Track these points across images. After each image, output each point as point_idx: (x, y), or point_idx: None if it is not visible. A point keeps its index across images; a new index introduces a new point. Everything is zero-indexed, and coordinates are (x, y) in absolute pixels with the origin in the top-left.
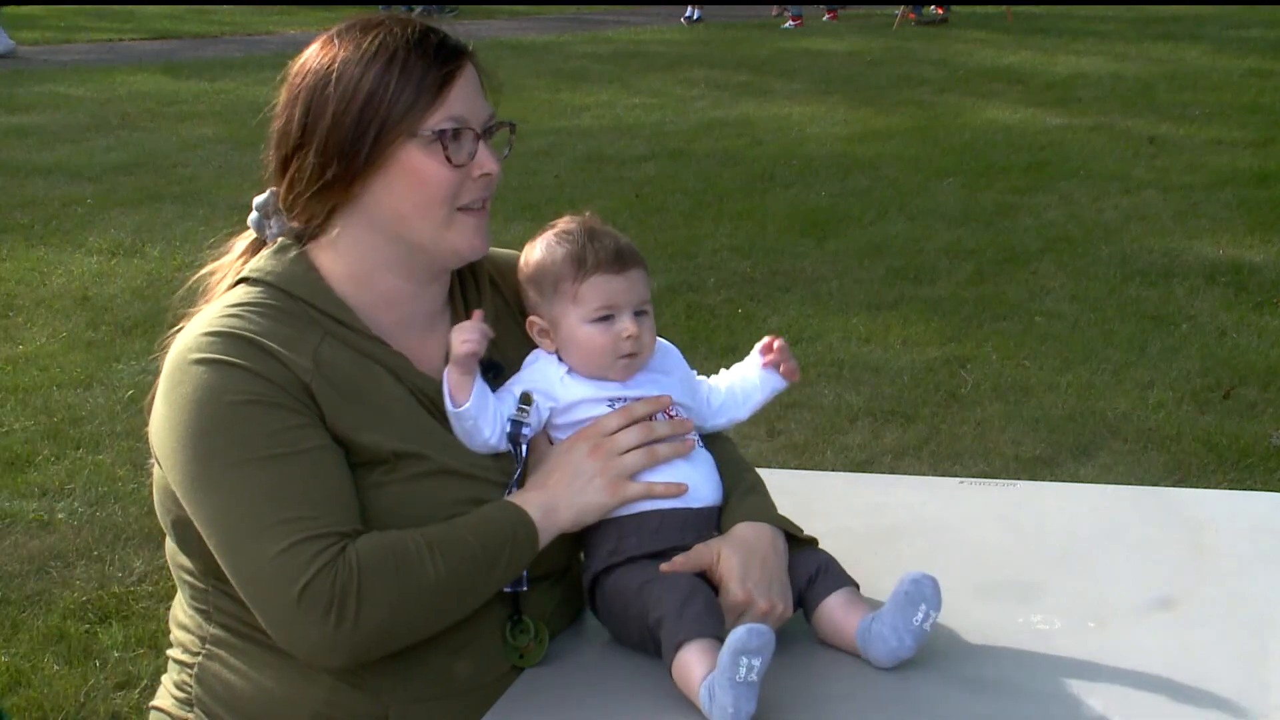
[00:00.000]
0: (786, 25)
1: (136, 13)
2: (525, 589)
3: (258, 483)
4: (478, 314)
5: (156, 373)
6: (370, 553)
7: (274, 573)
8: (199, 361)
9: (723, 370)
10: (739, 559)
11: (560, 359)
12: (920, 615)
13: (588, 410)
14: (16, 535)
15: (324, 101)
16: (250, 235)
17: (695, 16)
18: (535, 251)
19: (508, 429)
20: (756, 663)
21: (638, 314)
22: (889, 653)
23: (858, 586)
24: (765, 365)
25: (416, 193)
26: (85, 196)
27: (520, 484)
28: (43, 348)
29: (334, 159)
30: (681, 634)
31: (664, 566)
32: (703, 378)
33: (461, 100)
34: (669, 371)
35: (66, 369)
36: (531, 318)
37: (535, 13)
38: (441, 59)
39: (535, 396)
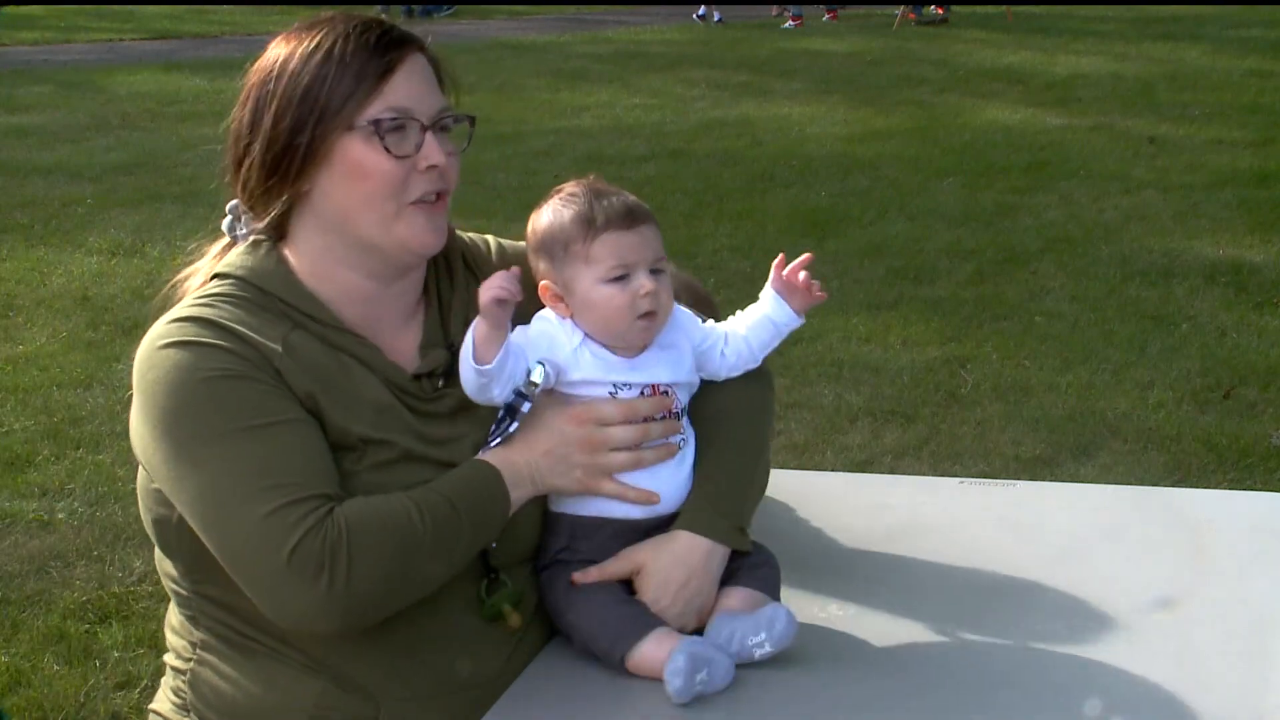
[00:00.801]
0: (786, 25)
1: (136, 13)
2: (494, 545)
3: (237, 453)
4: (515, 269)
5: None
6: (358, 513)
7: (261, 538)
8: (166, 345)
9: (738, 312)
10: (658, 579)
11: (575, 324)
12: (756, 641)
13: (590, 390)
14: (16, 535)
15: (268, 98)
16: (225, 240)
17: (703, 16)
18: (542, 217)
19: (510, 398)
20: (704, 674)
21: (653, 272)
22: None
23: (773, 599)
24: (775, 288)
25: (359, 186)
26: (85, 196)
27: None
28: (43, 348)
29: (278, 155)
30: (616, 651)
31: (576, 576)
32: (713, 326)
33: (404, 91)
34: (676, 344)
35: (66, 369)
36: (544, 283)
37: (535, 13)
38: (382, 49)
39: (546, 369)
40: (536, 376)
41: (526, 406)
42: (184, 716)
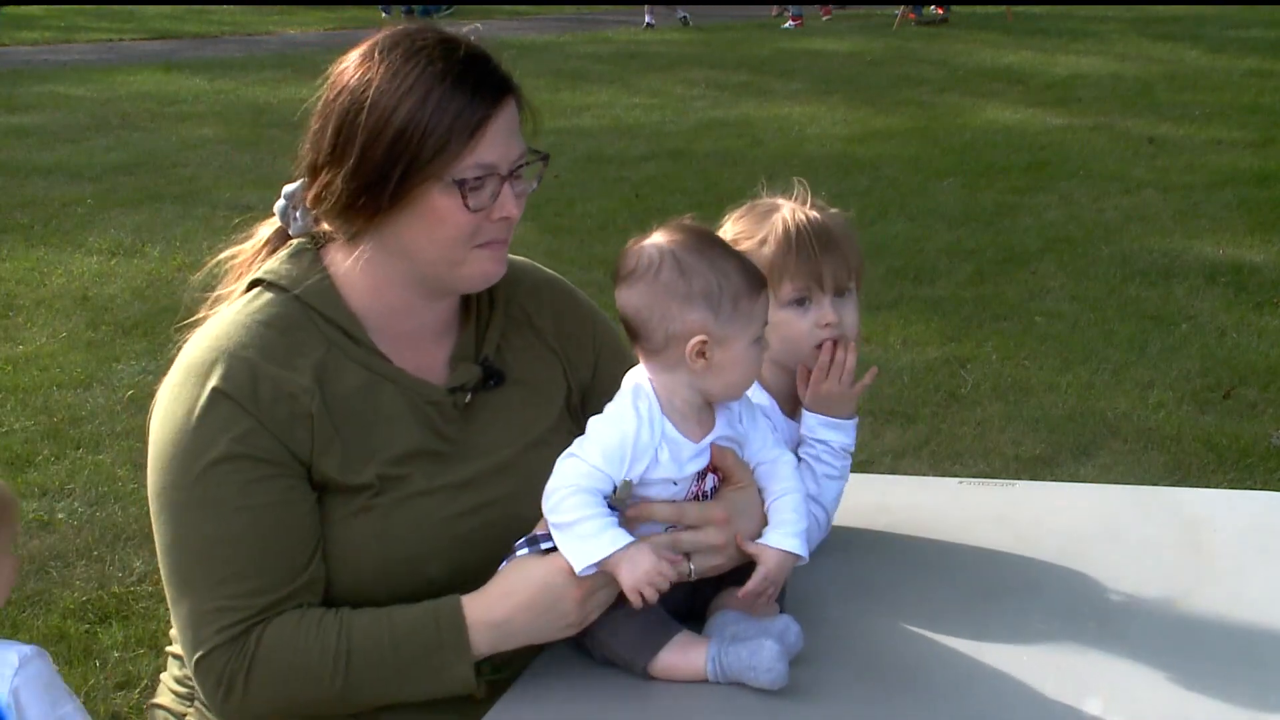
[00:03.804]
0: (787, 25)
1: (136, 13)
2: None
3: (204, 531)
4: (669, 561)
5: (168, 362)
6: (271, 646)
7: (186, 629)
8: (202, 383)
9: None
10: (740, 508)
11: (661, 409)
12: (753, 677)
13: (652, 490)
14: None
15: (355, 129)
16: (275, 223)
17: (669, 19)
18: (701, 266)
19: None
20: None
21: None
22: (714, 665)
23: (778, 605)
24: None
25: (434, 232)
26: (85, 196)
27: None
28: (43, 348)
29: (360, 191)
30: (639, 659)
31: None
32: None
33: (493, 147)
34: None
35: (66, 369)
36: (701, 338)
37: (535, 13)
38: (479, 100)
39: (644, 481)
40: (625, 491)
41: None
42: (187, 707)
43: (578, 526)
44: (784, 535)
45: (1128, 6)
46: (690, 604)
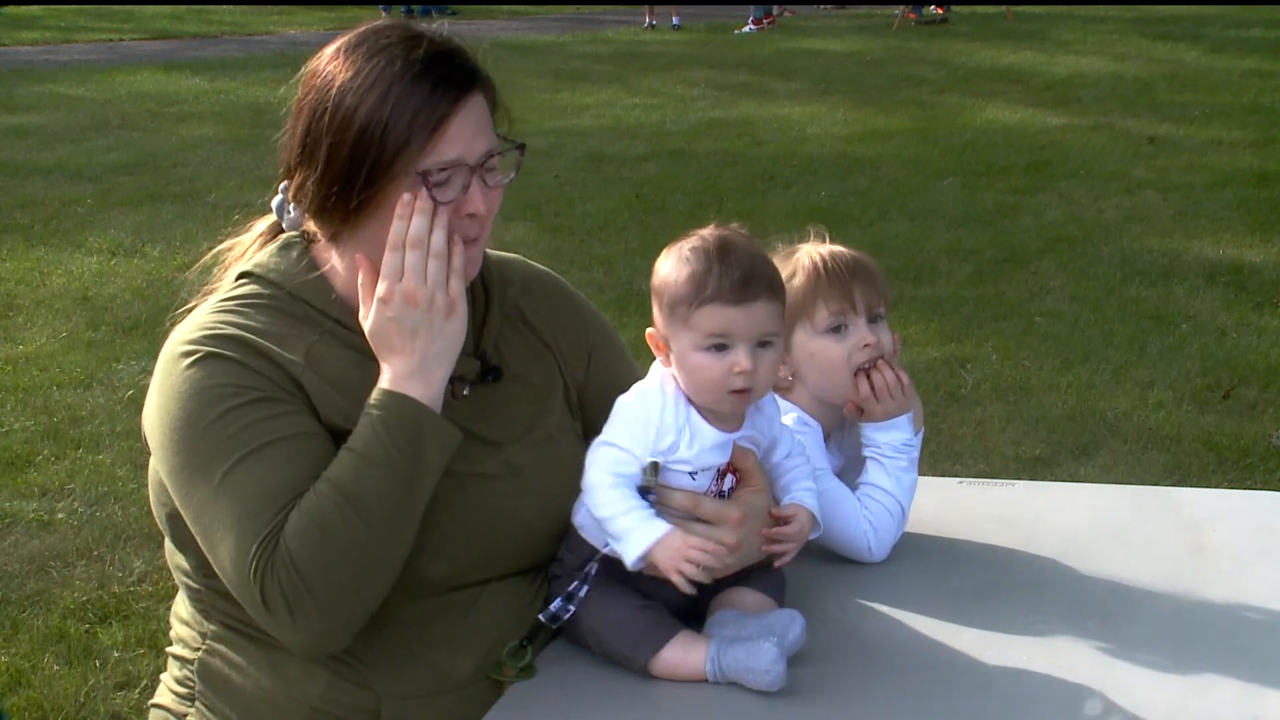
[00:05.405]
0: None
1: (136, 13)
2: (555, 626)
3: (230, 483)
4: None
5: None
6: (297, 538)
7: (237, 578)
8: (189, 354)
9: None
10: (756, 506)
11: (681, 398)
12: (751, 679)
13: (671, 478)
14: (16, 535)
15: (320, 129)
16: (272, 218)
17: (658, 22)
18: (666, 263)
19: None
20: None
21: (761, 345)
22: (713, 665)
23: (779, 604)
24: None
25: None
26: (85, 196)
27: None
28: (43, 348)
29: (330, 193)
30: (639, 656)
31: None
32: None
33: (457, 141)
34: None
35: (66, 369)
36: (651, 331)
37: (535, 13)
38: (440, 94)
39: (663, 466)
40: (654, 471)
41: (651, 497)
42: (188, 707)
43: (619, 520)
44: (808, 499)
45: (1128, 6)
46: (691, 603)
